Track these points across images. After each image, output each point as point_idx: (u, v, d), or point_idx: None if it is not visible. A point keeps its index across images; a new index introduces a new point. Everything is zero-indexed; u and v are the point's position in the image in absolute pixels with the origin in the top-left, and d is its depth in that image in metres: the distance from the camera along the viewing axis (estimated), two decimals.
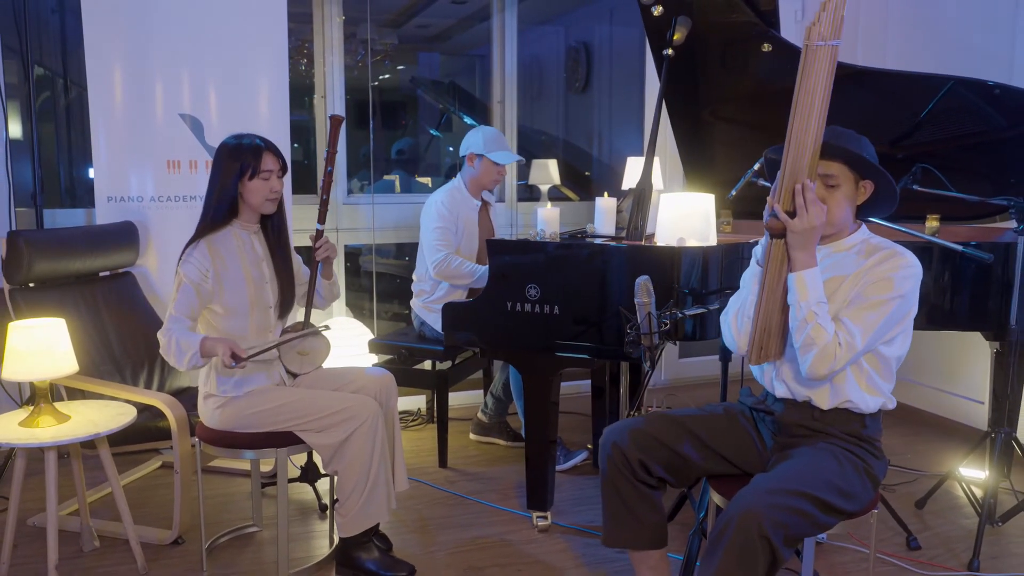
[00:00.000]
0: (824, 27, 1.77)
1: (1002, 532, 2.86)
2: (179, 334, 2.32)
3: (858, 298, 1.90)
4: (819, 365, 1.86)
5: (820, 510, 1.81)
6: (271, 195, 2.45)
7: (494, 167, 3.48)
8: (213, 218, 2.43)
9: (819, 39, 1.77)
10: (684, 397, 4.46)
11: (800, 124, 1.82)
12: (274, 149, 2.46)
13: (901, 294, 1.88)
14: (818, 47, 1.78)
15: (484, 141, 3.46)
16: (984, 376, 3.77)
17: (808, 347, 1.86)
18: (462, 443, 3.76)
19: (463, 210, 3.50)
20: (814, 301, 1.85)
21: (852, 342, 1.85)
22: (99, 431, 2.35)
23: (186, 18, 3.38)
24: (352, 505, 2.42)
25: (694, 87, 3.29)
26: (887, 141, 3.18)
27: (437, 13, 5.78)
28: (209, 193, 2.45)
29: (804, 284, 1.86)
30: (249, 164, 2.40)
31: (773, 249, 1.90)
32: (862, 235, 2.01)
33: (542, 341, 2.68)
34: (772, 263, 1.91)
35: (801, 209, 1.83)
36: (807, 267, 1.87)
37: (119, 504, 2.58)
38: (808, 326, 1.85)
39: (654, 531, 2.10)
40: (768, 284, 1.92)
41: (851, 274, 1.94)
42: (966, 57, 3.76)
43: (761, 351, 1.96)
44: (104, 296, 3.15)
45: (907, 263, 1.91)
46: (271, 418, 2.44)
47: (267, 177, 2.43)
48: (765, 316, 1.93)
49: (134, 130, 3.40)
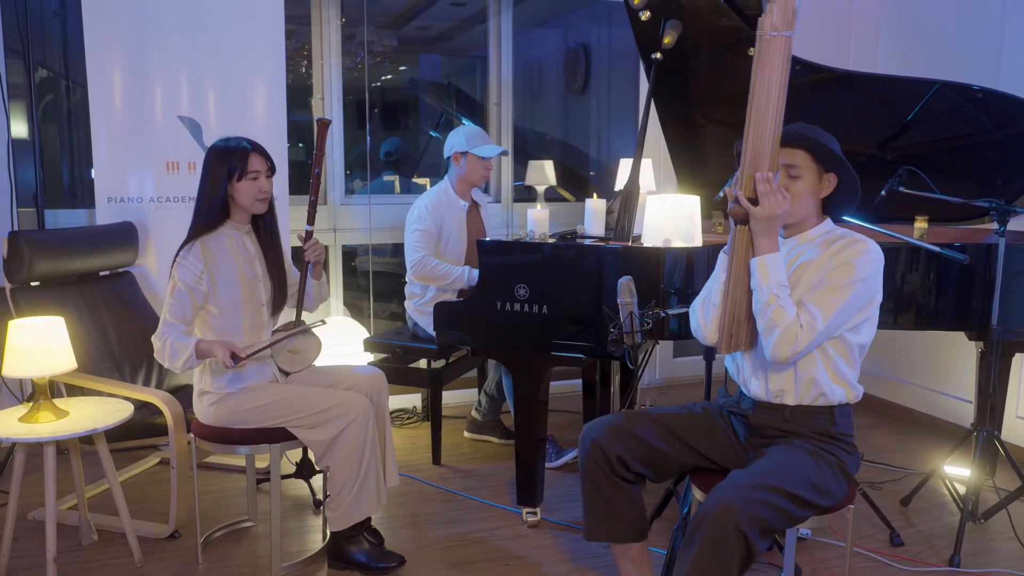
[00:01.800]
0: (776, 18, 1.83)
1: (984, 529, 2.91)
2: (173, 337, 2.39)
3: (821, 283, 1.95)
4: (781, 347, 1.90)
5: (795, 505, 1.86)
6: (260, 195, 2.51)
7: (480, 162, 3.52)
8: (206, 220, 2.49)
9: (771, 30, 1.83)
10: (677, 396, 4.50)
11: (758, 113, 1.88)
12: (261, 150, 2.52)
13: (862, 278, 1.93)
14: (771, 37, 1.84)
15: (466, 138, 3.51)
16: (970, 375, 3.81)
17: (770, 329, 1.91)
18: (456, 441, 3.81)
19: (448, 212, 3.55)
20: (775, 284, 1.91)
21: (813, 324, 1.90)
22: (97, 427, 2.40)
23: (185, 21, 3.44)
24: (343, 500, 2.47)
25: (684, 90, 3.34)
26: (875, 143, 3.22)
27: (437, 15, 5.82)
28: (200, 196, 2.51)
29: (765, 268, 1.92)
30: (236, 166, 2.46)
31: (738, 236, 1.96)
32: (826, 227, 2.05)
33: (531, 340, 2.74)
34: (737, 250, 1.97)
35: (763, 196, 1.89)
36: (770, 252, 1.92)
37: (116, 499, 2.63)
38: (770, 308, 1.90)
39: (633, 524, 2.15)
40: (734, 271, 1.97)
41: (814, 261, 1.99)
42: (955, 61, 3.80)
43: (731, 339, 2.01)
44: (104, 295, 3.21)
45: (867, 248, 1.95)
46: (264, 414, 2.49)
47: (255, 177, 2.48)
48: (733, 303, 1.98)
49: (134, 132, 3.46)
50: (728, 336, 2.00)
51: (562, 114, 6.12)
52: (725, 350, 2.03)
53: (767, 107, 1.87)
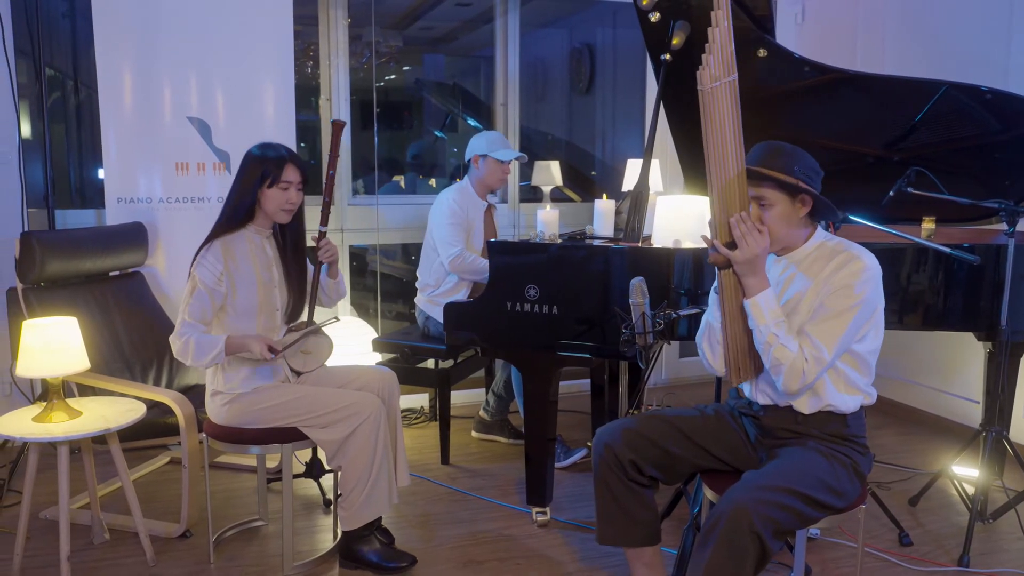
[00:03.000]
0: (715, 68, 1.82)
1: (993, 529, 2.91)
2: (197, 336, 2.40)
3: (820, 309, 1.93)
4: (790, 382, 1.91)
5: (808, 506, 1.87)
6: (286, 206, 2.52)
7: (499, 165, 3.58)
8: (229, 219, 2.50)
9: (713, 81, 1.82)
10: (684, 396, 4.51)
11: (717, 163, 1.87)
12: (298, 162, 2.53)
13: (862, 300, 1.91)
14: (715, 88, 1.82)
15: (487, 142, 3.58)
16: (978, 375, 3.82)
17: (776, 368, 1.91)
18: (464, 440, 3.82)
19: (472, 209, 3.61)
20: (772, 323, 1.90)
21: (820, 356, 1.89)
22: (110, 426, 2.42)
23: (194, 22, 3.46)
24: (355, 499, 2.48)
25: (692, 91, 3.33)
26: (882, 144, 3.23)
27: (442, 16, 5.83)
28: (230, 196, 2.53)
29: (759, 309, 1.91)
30: (271, 172, 2.47)
31: (724, 279, 1.95)
32: (818, 239, 2.03)
33: (541, 340, 2.74)
34: (727, 292, 1.96)
35: (740, 240, 1.87)
36: (759, 290, 1.91)
37: (129, 498, 2.65)
38: (771, 348, 1.90)
39: (646, 528, 2.16)
40: (728, 312, 1.97)
41: (811, 285, 1.97)
42: (962, 62, 3.81)
43: (740, 371, 2.02)
44: (114, 295, 3.22)
45: (864, 267, 1.93)
46: (276, 414, 2.51)
47: (286, 188, 2.50)
48: (733, 340, 1.99)
49: (143, 132, 3.48)
50: (736, 369, 2.01)
51: (567, 114, 6.13)
52: (736, 381, 2.05)
53: (724, 151, 1.86)
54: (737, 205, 1.89)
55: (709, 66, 1.82)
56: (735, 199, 1.89)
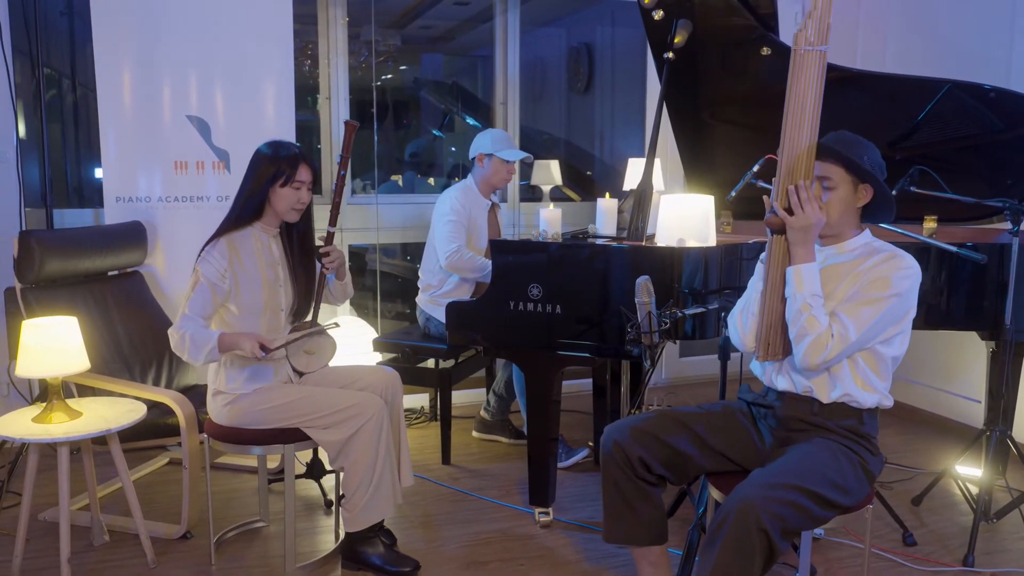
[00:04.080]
0: (811, 33, 1.87)
1: (996, 528, 2.91)
2: (193, 330, 2.37)
3: (856, 295, 1.95)
4: (812, 354, 1.92)
5: (816, 504, 1.86)
6: (298, 205, 2.50)
7: (504, 165, 3.57)
8: (239, 217, 2.49)
9: (807, 44, 1.86)
10: (684, 395, 4.50)
11: (793, 125, 1.90)
12: (310, 161, 2.51)
13: (898, 293, 1.93)
14: (806, 51, 1.87)
15: (492, 141, 3.56)
16: (980, 375, 3.81)
17: (802, 336, 1.92)
18: (465, 440, 3.80)
19: (475, 208, 3.59)
20: (809, 293, 1.92)
21: (845, 334, 1.91)
22: (110, 427, 2.40)
23: (193, 21, 3.43)
24: (358, 501, 2.47)
25: (694, 89, 3.34)
26: (885, 143, 3.22)
27: (440, 15, 5.82)
28: (239, 194, 2.51)
29: (800, 277, 1.93)
30: (284, 171, 2.45)
31: (774, 246, 1.97)
32: (865, 239, 2.05)
33: (544, 340, 2.73)
34: (774, 259, 1.98)
35: (797, 207, 1.90)
36: (804, 262, 1.93)
37: (129, 499, 2.62)
38: (803, 316, 1.91)
39: (654, 527, 2.15)
40: (771, 280, 1.98)
41: (851, 274, 1.99)
42: (964, 61, 3.80)
43: (768, 347, 2.02)
44: (113, 295, 3.20)
45: (906, 264, 1.96)
46: (279, 415, 2.49)
47: (298, 187, 2.48)
48: (770, 312, 2.00)
49: (142, 131, 3.46)
50: (766, 344, 2.01)
51: (565, 113, 6.12)
52: (763, 358, 2.04)
53: (802, 119, 1.90)
54: (801, 175, 1.92)
55: (806, 29, 1.86)
56: (801, 167, 1.92)
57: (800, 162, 1.92)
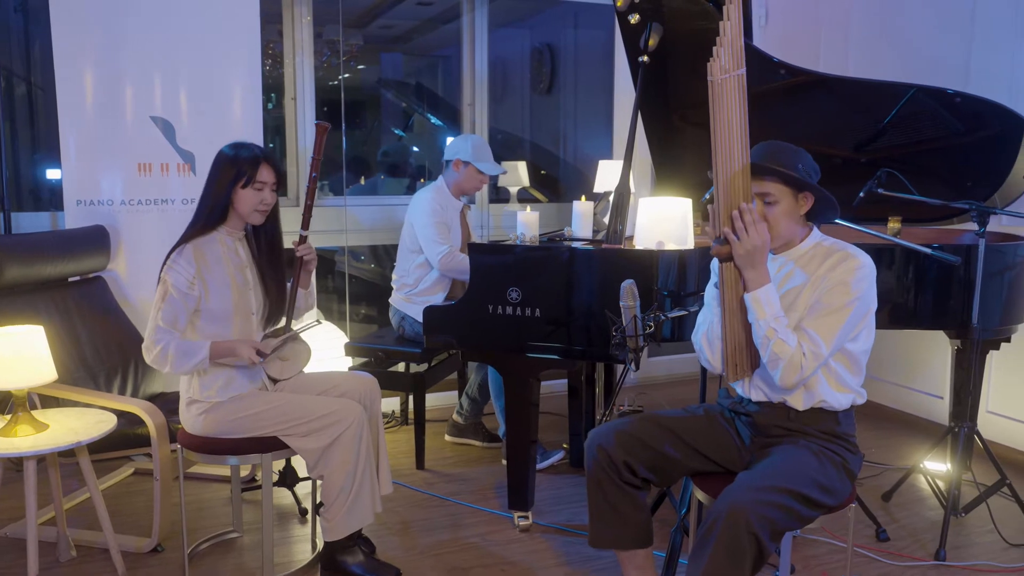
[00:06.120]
0: (725, 61, 1.83)
1: (964, 523, 2.98)
2: (176, 343, 2.32)
3: (817, 305, 1.96)
4: (787, 376, 1.93)
5: (803, 505, 1.88)
6: (260, 207, 2.45)
7: (478, 175, 3.55)
8: (205, 222, 2.43)
9: (723, 73, 1.83)
10: (655, 396, 4.53)
11: (723, 154, 1.87)
12: (272, 161, 2.46)
13: (859, 296, 1.95)
14: (724, 80, 1.83)
15: (473, 149, 3.52)
16: (941, 372, 3.91)
17: (774, 362, 1.93)
18: (438, 444, 3.77)
19: (449, 209, 3.57)
20: (771, 317, 1.91)
21: (817, 351, 1.92)
22: (80, 439, 2.31)
23: (157, 19, 3.35)
24: (338, 509, 2.42)
25: (663, 92, 3.35)
26: (851, 146, 3.28)
27: (402, 14, 5.77)
28: (203, 198, 2.45)
29: (759, 303, 1.92)
30: (245, 172, 2.40)
31: (725, 272, 1.95)
32: (814, 239, 2.06)
33: (524, 343, 2.72)
34: (727, 285, 1.96)
35: (742, 232, 1.88)
36: (760, 285, 1.92)
37: (99, 512, 2.54)
38: (770, 342, 1.91)
39: (640, 531, 2.15)
40: (728, 306, 1.97)
41: (808, 281, 2.00)
42: (925, 66, 3.89)
43: (736, 368, 2.02)
44: (76, 301, 3.10)
45: (860, 264, 1.97)
46: (256, 423, 2.43)
47: (260, 188, 2.42)
48: (732, 335, 1.99)
49: (104, 132, 3.36)
50: (733, 365, 2.01)
51: (528, 115, 6.11)
52: (732, 379, 2.05)
53: (730, 144, 1.87)
54: (740, 198, 1.90)
55: (719, 58, 1.82)
56: (738, 192, 1.90)
57: (737, 186, 1.89)
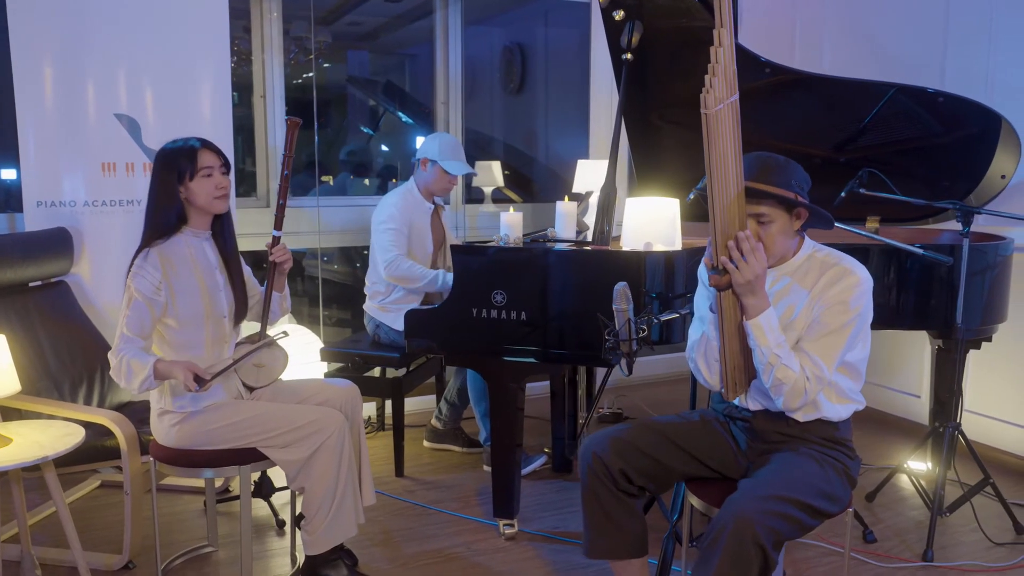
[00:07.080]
0: (719, 90, 1.73)
1: (948, 523, 2.98)
2: (131, 355, 2.21)
3: (816, 324, 1.93)
4: (791, 401, 1.90)
5: (808, 515, 1.84)
6: (217, 192, 2.34)
7: (445, 176, 3.45)
8: (161, 226, 2.32)
9: (717, 104, 1.73)
10: (634, 398, 4.49)
11: (719, 185, 1.79)
12: (211, 146, 2.36)
13: (858, 314, 1.92)
14: (719, 111, 1.74)
15: (440, 148, 3.43)
16: (918, 370, 3.93)
17: (778, 388, 1.89)
18: (416, 451, 3.69)
19: (416, 214, 3.46)
20: (774, 344, 1.87)
21: (820, 374, 1.89)
22: (47, 454, 2.19)
23: (121, 13, 3.21)
24: (320, 522, 2.34)
25: (644, 91, 3.31)
26: (831, 146, 3.27)
27: (370, 11, 5.67)
28: (149, 203, 2.35)
29: (761, 330, 1.86)
30: (186, 167, 2.30)
31: (723, 300, 1.89)
32: (807, 250, 2.02)
33: (509, 348, 2.65)
34: (726, 312, 1.90)
35: (740, 261, 1.82)
36: (760, 311, 1.86)
37: (66, 528, 2.41)
38: (773, 368, 1.87)
39: (636, 540, 2.10)
40: (726, 331, 1.91)
41: (805, 298, 1.96)
42: (900, 66, 3.90)
43: (736, 386, 1.97)
44: (37, 308, 2.96)
45: (858, 281, 1.93)
46: (232, 434, 2.33)
47: (209, 174, 2.32)
48: (731, 358, 1.93)
49: (65, 131, 3.21)
50: (732, 384, 1.96)
51: (499, 114, 6.05)
52: (731, 397, 2.00)
53: (726, 174, 1.79)
54: (736, 225, 1.83)
55: (714, 88, 1.71)
56: (734, 219, 1.83)
57: (733, 213, 1.83)
